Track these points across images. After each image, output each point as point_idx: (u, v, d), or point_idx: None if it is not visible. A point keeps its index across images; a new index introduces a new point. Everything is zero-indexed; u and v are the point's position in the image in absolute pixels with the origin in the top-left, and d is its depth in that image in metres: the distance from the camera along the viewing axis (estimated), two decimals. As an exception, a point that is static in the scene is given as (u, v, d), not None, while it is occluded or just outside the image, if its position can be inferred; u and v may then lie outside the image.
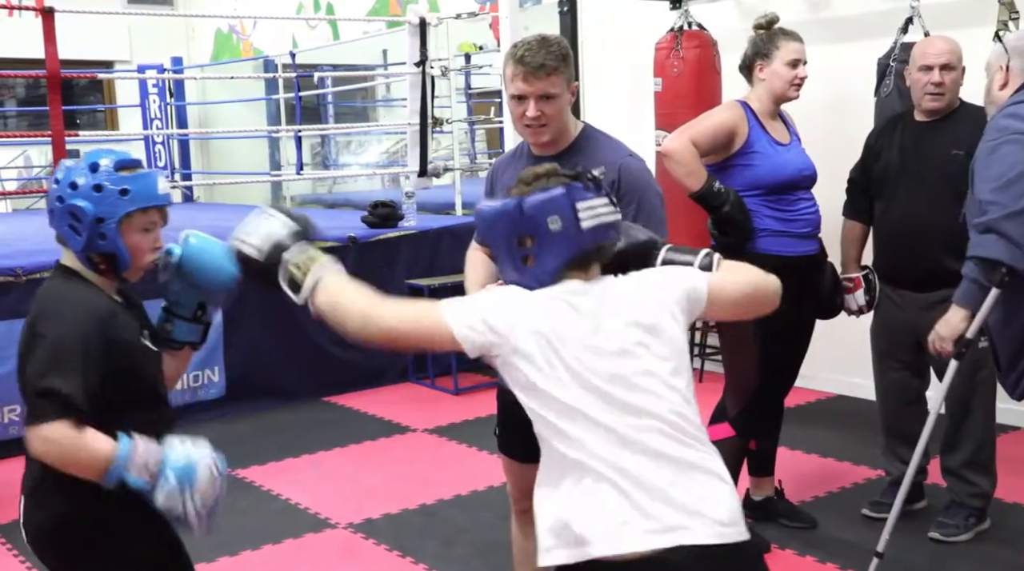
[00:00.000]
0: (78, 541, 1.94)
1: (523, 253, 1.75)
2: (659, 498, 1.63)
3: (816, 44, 4.46)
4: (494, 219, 1.77)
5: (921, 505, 3.63)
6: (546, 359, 1.69)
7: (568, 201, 1.72)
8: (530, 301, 1.74)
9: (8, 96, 11.69)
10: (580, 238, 1.73)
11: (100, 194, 1.88)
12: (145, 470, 1.82)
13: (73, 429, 1.78)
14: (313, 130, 9.83)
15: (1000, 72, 2.69)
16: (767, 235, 3.27)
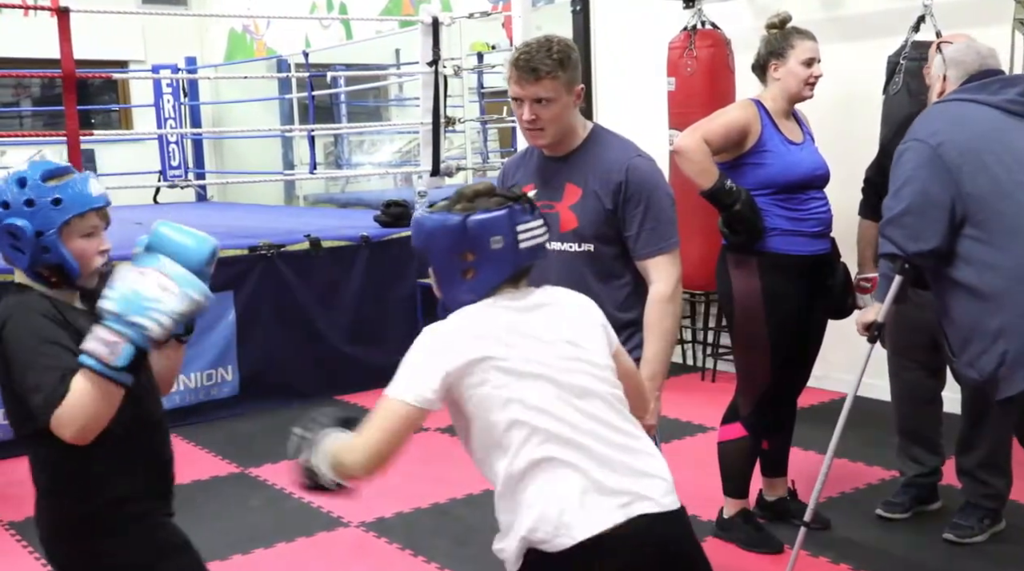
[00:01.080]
0: (79, 545, 1.94)
1: (463, 266, 1.82)
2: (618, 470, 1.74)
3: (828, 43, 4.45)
4: (437, 232, 1.83)
5: (936, 506, 3.62)
6: (503, 369, 1.75)
7: (510, 222, 1.80)
8: (464, 329, 1.79)
9: (24, 96, 11.75)
10: (518, 257, 1.82)
11: (33, 208, 1.84)
12: (111, 335, 1.72)
13: (70, 398, 1.74)
14: (326, 129, 9.85)
15: (939, 82, 2.83)
16: (778, 234, 3.26)
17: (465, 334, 1.78)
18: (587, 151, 2.47)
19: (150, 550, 1.98)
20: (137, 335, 1.72)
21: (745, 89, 4.05)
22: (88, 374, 1.73)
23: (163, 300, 1.74)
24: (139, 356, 1.75)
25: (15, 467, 4.45)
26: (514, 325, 1.79)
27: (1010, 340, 2.42)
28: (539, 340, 1.79)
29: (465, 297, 1.83)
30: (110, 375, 1.72)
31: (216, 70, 11.04)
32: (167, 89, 10.02)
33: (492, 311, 1.82)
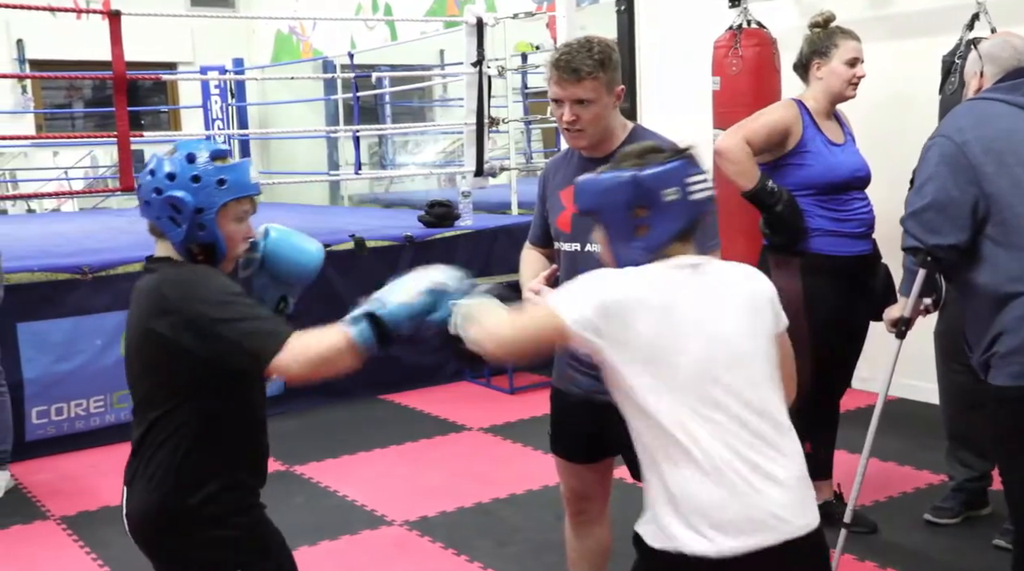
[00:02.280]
0: (172, 530, 1.95)
1: (636, 222, 1.80)
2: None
3: (878, 42, 4.39)
4: (609, 188, 1.82)
5: (986, 511, 3.56)
6: (665, 336, 1.73)
7: (682, 174, 1.80)
8: (643, 277, 1.78)
9: (76, 97, 11.96)
10: (691, 209, 1.81)
11: (198, 185, 1.88)
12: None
13: (298, 338, 1.82)
14: (371, 130, 9.91)
15: (976, 78, 2.81)
16: (819, 235, 3.23)
17: (643, 305, 1.74)
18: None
19: (254, 542, 2.01)
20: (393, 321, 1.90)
21: (791, 89, 4.01)
22: (339, 332, 1.86)
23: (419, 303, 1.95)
24: (382, 336, 1.90)
25: (66, 463, 4.55)
26: (691, 302, 1.76)
27: (1003, 340, 2.49)
28: (717, 329, 1.77)
29: (638, 256, 1.81)
30: (364, 332, 1.89)
31: (263, 71, 11.16)
32: (215, 90, 10.15)
33: (673, 274, 1.79)
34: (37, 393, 4.59)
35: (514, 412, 5.17)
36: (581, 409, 2.53)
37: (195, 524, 1.94)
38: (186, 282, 1.89)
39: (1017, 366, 2.50)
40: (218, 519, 1.95)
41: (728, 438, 1.71)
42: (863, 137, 3.51)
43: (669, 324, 1.73)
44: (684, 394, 1.71)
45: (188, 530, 1.94)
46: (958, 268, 2.62)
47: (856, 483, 3.07)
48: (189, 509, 1.93)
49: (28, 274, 4.63)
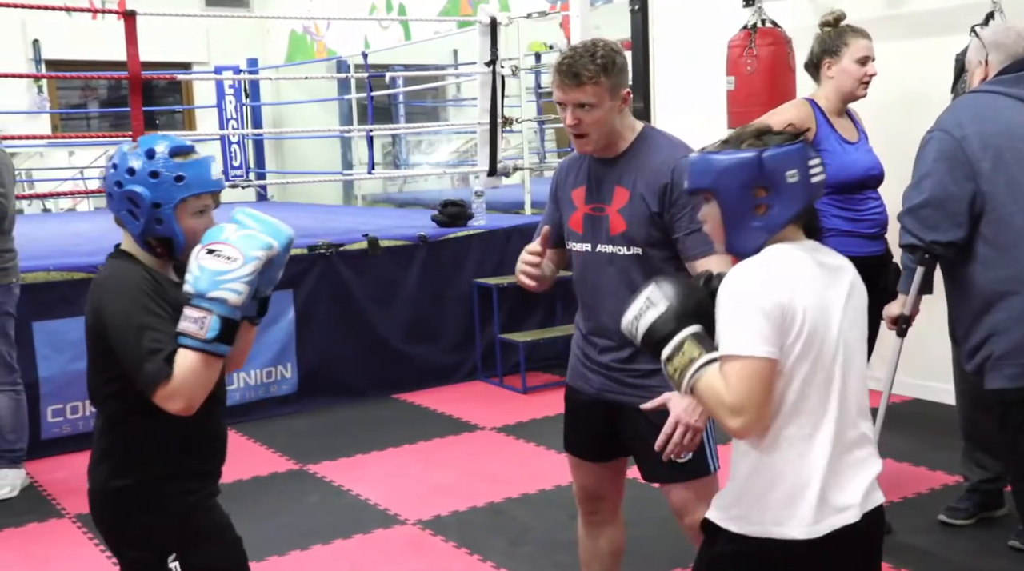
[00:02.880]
0: (128, 512, 2.01)
1: (756, 202, 1.81)
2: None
3: (892, 41, 4.38)
4: (730, 167, 1.81)
5: (1001, 512, 3.54)
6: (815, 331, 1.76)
7: (803, 156, 1.82)
8: (788, 274, 1.78)
9: (91, 97, 12.01)
10: (810, 191, 1.83)
11: (156, 180, 1.93)
12: (197, 312, 1.84)
13: (176, 374, 1.84)
14: (384, 130, 9.93)
15: (980, 67, 2.79)
16: (834, 235, 3.22)
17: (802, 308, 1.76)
18: (636, 153, 2.45)
19: (192, 527, 2.03)
20: (219, 307, 1.84)
21: (806, 88, 3.99)
22: (187, 352, 1.85)
23: (232, 269, 1.85)
24: (228, 326, 1.86)
25: (81, 461, 4.55)
26: (829, 298, 1.80)
27: (997, 342, 2.50)
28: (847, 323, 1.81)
29: (756, 236, 1.82)
30: (205, 348, 1.85)
31: (277, 71, 11.19)
32: (229, 90, 10.18)
33: (808, 269, 1.81)
34: (52, 392, 4.62)
35: (527, 412, 5.17)
36: (595, 408, 2.53)
37: (133, 504, 2.00)
38: (111, 286, 1.95)
39: (1014, 368, 2.49)
40: (154, 501, 2.00)
41: (839, 428, 1.78)
42: (875, 136, 3.50)
43: (813, 317, 1.75)
44: (822, 380, 1.77)
45: (127, 510, 2.00)
46: (951, 264, 2.62)
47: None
48: (127, 489, 1.99)
49: (44, 273, 4.66)
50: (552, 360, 5.81)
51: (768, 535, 1.76)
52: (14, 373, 4.21)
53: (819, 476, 1.75)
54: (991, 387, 2.56)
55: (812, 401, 1.76)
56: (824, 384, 1.77)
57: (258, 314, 2.12)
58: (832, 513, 1.76)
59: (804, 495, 1.75)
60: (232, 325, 1.87)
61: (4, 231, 4.09)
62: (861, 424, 1.83)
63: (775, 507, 1.76)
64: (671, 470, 2.39)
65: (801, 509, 1.75)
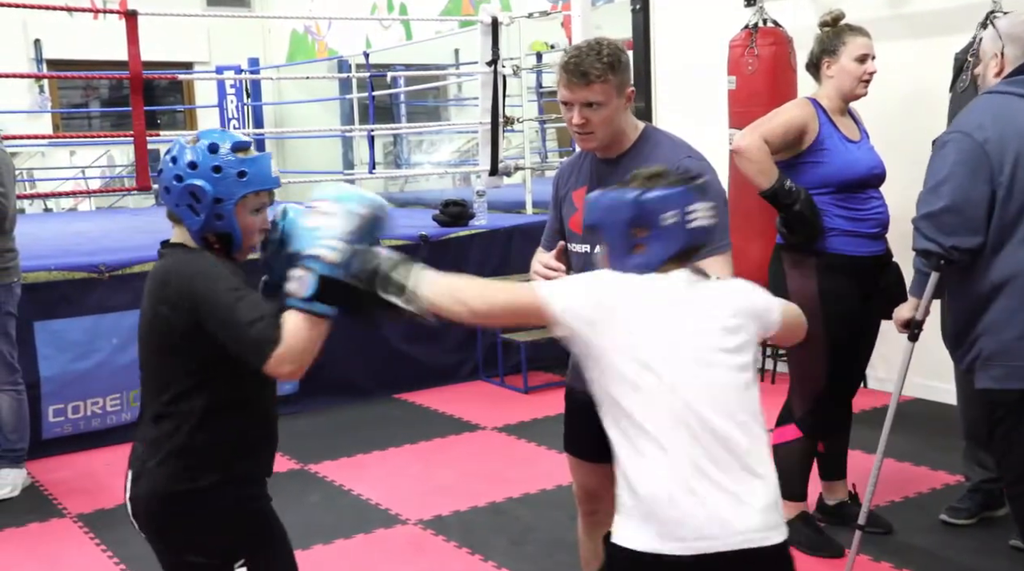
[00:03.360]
0: (177, 514, 1.97)
1: (635, 241, 1.88)
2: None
3: (893, 40, 4.37)
4: (613, 206, 1.90)
5: (1002, 512, 3.54)
6: (644, 343, 1.80)
7: (684, 200, 1.87)
8: (632, 280, 1.86)
9: (92, 97, 12.02)
10: (687, 235, 1.88)
11: (219, 175, 1.91)
12: (298, 272, 1.82)
13: (286, 336, 1.82)
14: (386, 129, 9.93)
15: (995, 59, 2.71)
16: (837, 234, 3.22)
17: (630, 303, 1.83)
18: (638, 152, 2.45)
19: (259, 531, 2.02)
20: (316, 264, 1.81)
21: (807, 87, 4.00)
22: (293, 313, 1.82)
23: (327, 225, 1.83)
24: (328, 285, 1.81)
25: (83, 461, 4.57)
26: (667, 312, 1.83)
27: (986, 342, 2.51)
28: (689, 342, 1.82)
29: (633, 273, 1.88)
30: (304, 307, 1.81)
31: (278, 71, 11.19)
32: (230, 90, 10.18)
33: (655, 284, 1.86)
34: (54, 391, 4.62)
35: (528, 411, 5.17)
36: (594, 408, 2.52)
37: (199, 510, 1.96)
38: (191, 271, 1.91)
39: (998, 369, 2.50)
40: (223, 506, 1.97)
41: (690, 452, 1.77)
42: (877, 136, 3.50)
43: (653, 327, 1.80)
44: (656, 401, 1.78)
45: (192, 515, 1.96)
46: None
47: (871, 484, 3.05)
48: (194, 494, 1.95)
49: (45, 273, 4.65)
50: (553, 360, 5.81)
51: (626, 545, 1.80)
52: (15, 373, 4.21)
53: (660, 496, 1.76)
54: (979, 387, 2.58)
55: (654, 422, 1.78)
56: (668, 409, 1.78)
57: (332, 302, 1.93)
58: (669, 540, 1.74)
59: (649, 514, 1.77)
60: (334, 284, 1.82)
61: (5, 231, 4.09)
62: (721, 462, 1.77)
63: (634, 519, 1.80)
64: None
65: (646, 527, 1.77)
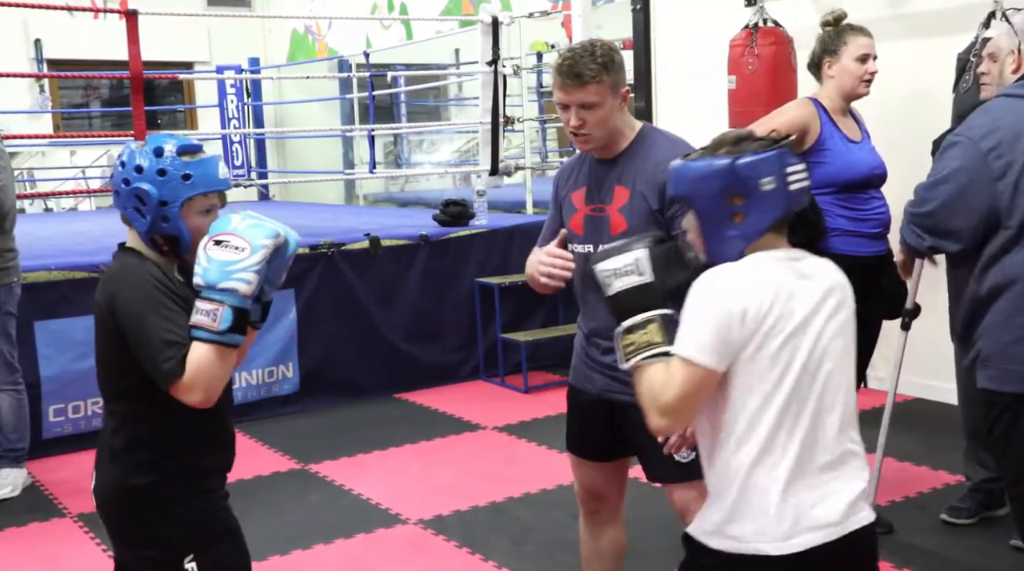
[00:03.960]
0: (130, 508, 2.01)
1: (732, 210, 1.77)
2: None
3: (895, 40, 4.37)
4: (705, 175, 1.78)
5: (1003, 512, 3.54)
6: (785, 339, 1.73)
7: (780, 163, 1.77)
8: (746, 279, 1.75)
9: (93, 97, 12.02)
10: (789, 199, 1.79)
11: (164, 178, 1.94)
12: (209, 304, 1.84)
13: (192, 365, 1.85)
14: (386, 129, 9.93)
15: (1012, 55, 2.70)
16: (839, 234, 3.22)
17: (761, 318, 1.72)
18: (635, 152, 2.45)
19: (209, 526, 2.03)
20: (230, 297, 1.85)
21: (808, 87, 4.00)
22: (202, 344, 1.86)
23: (241, 259, 1.86)
24: (240, 316, 1.86)
25: (83, 460, 4.56)
26: (800, 303, 1.76)
27: (985, 342, 2.52)
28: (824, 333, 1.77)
29: (734, 244, 1.78)
30: (219, 340, 1.85)
31: (279, 71, 11.19)
32: (231, 90, 10.18)
33: (778, 274, 1.77)
34: (54, 391, 4.62)
35: (529, 411, 5.17)
36: (597, 408, 2.53)
37: (149, 503, 1.99)
38: (123, 281, 1.96)
39: (995, 371, 2.50)
40: (175, 500, 1.99)
41: (809, 446, 1.74)
42: (878, 136, 3.50)
43: (782, 327, 1.72)
44: (785, 397, 1.72)
45: (145, 509, 1.99)
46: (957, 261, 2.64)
47: (872, 483, 3.05)
48: (146, 487, 1.98)
49: (46, 273, 4.65)
50: (554, 360, 5.81)
51: (741, 551, 1.73)
52: (16, 373, 4.21)
53: (788, 492, 1.71)
54: (979, 386, 2.58)
55: (780, 415, 1.72)
56: (794, 398, 1.72)
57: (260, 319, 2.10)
58: (806, 531, 1.71)
59: (771, 512, 1.71)
60: (244, 315, 1.87)
61: (5, 230, 4.09)
62: (844, 439, 1.79)
63: (745, 522, 1.73)
64: (674, 470, 2.39)
65: (771, 525, 1.71)
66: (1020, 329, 2.48)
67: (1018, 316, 2.48)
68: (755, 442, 1.72)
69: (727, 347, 1.70)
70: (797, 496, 1.72)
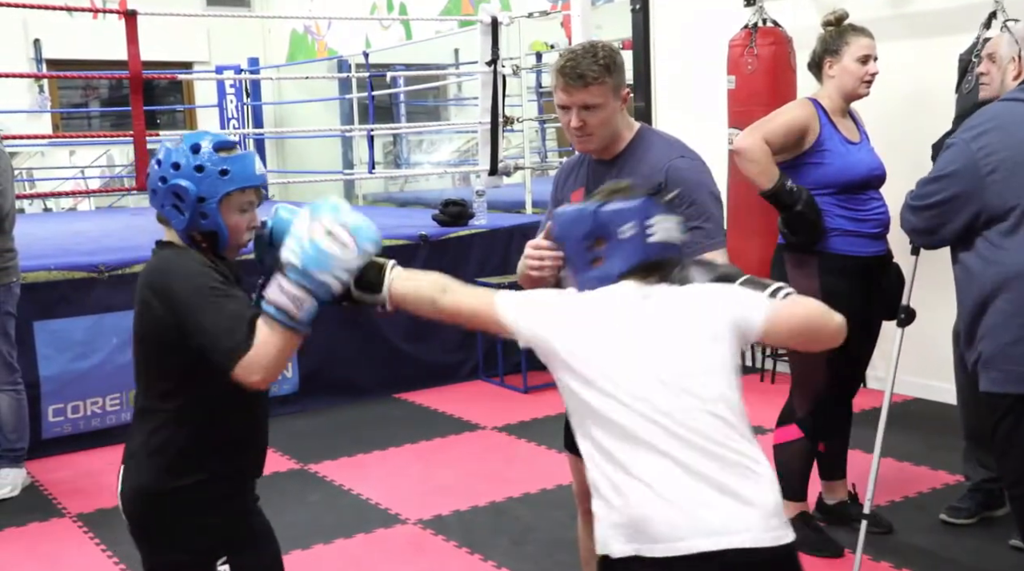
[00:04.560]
0: (158, 512, 1.99)
1: (593, 254, 1.86)
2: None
3: (896, 40, 4.37)
4: (573, 219, 1.90)
5: (1002, 512, 3.54)
6: (588, 360, 1.77)
7: (643, 214, 1.84)
8: (582, 302, 1.84)
9: (92, 97, 12.01)
10: (646, 249, 1.84)
11: (201, 174, 1.92)
12: (297, 289, 1.80)
13: (258, 345, 1.81)
14: (385, 129, 9.93)
15: (1013, 63, 2.74)
16: (838, 235, 3.22)
17: (571, 326, 1.80)
18: (632, 153, 2.45)
19: (242, 528, 2.03)
20: (323, 290, 1.82)
21: (807, 87, 4.01)
22: (272, 324, 1.81)
23: (343, 257, 1.82)
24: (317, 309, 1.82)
25: (83, 460, 4.57)
26: (616, 328, 1.78)
27: (986, 344, 2.52)
28: (646, 357, 1.75)
29: (592, 285, 1.86)
30: (296, 327, 1.81)
31: (278, 71, 11.19)
32: (230, 90, 10.18)
33: (608, 300, 1.82)
34: (54, 391, 4.62)
35: (528, 411, 5.17)
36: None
37: (182, 508, 1.97)
38: (172, 270, 1.93)
39: (996, 373, 2.51)
40: (206, 505, 1.98)
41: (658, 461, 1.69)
42: (879, 136, 3.50)
43: (599, 345, 1.76)
44: (613, 415, 1.73)
45: (175, 514, 1.98)
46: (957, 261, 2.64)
47: (871, 482, 3.05)
48: (177, 492, 1.96)
49: (45, 273, 4.65)
50: (553, 360, 5.81)
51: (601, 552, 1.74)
52: (15, 373, 4.21)
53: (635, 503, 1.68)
54: (981, 389, 2.59)
55: (619, 436, 1.73)
56: (630, 421, 1.71)
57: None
58: (645, 540, 1.66)
59: (617, 518, 1.70)
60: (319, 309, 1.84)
61: (4, 230, 4.09)
62: (703, 463, 1.68)
63: (605, 526, 1.73)
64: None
65: (618, 530, 1.70)
66: (1019, 329, 2.48)
67: (1018, 316, 2.49)
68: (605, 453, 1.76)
69: (531, 320, 1.81)
70: (637, 508, 1.70)
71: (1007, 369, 2.51)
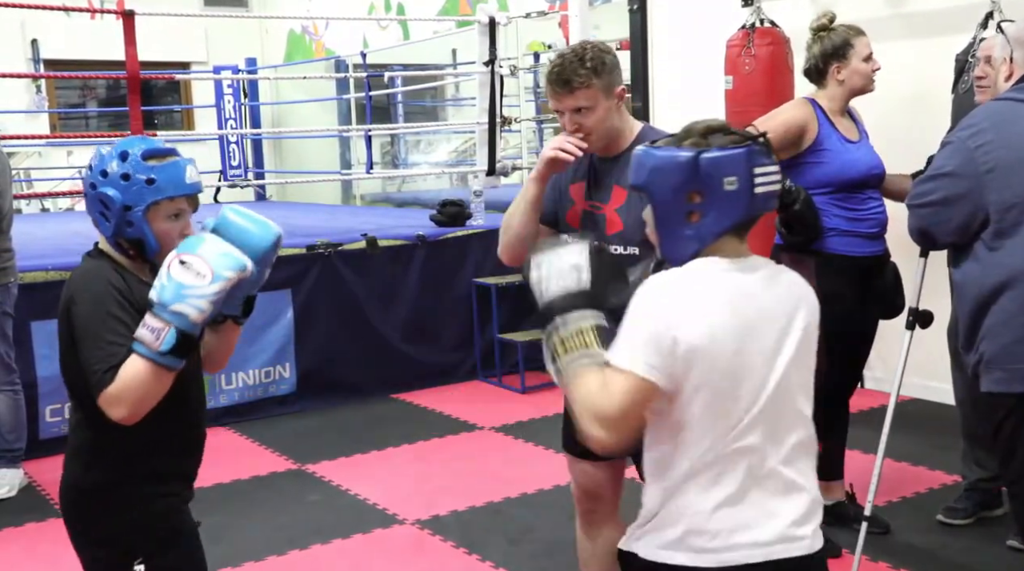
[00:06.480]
0: (83, 508, 2.02)
1: (689, 208, 1.65)
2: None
3: (894, 40, 4.37)
4: (665, 168, 1.66)
5: (999, 512, 3.54)
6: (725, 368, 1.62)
7: (748, 162, 1.65)
8: (688, 302, 1.62)
9: (90, 97, 12.00)
10: (751, 203, 1.66)
11: (127, 182, 1.91)
12: (157, 322, 1.81)
13: (121, 379, 1.82)
14: (383, 129, 9.92)
15: (1005, 64, 2.74)
16: (836, 234, 3.22)
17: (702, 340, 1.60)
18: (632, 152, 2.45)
19: (162, 530, 2.02)
20: (179, 321, 1.81)
21: (805, 88, 4.01)
22: (138, 359, 1.83)
23: (198, 285, 1.82)
24: (185, 340, 1.82)
25: (80, 460, 4.57)
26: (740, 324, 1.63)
27: (987, 345, 2.51)
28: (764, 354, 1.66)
29: (687, 245, 1.66)
30: (157, 360, 1.82)
31: (276, 71, 11.18)
32: (228, 90, 10.17)
33: (721, 288, 1.65)
34: (51, 391, 4.61)
35: (526, 411, 5.17)
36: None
37: (104, 504, 1.99)
38: (78, 286, 1.95)
39: (999, 373, 2.51)
40: (128, 502, 1.98)
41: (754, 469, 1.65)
42: (877, 136, 3.50)
43: (735, 351, 1.62)
44: (730, 422, 1.63)
45: (92, 511, 2.00)
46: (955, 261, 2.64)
47: (873, 483, 3.05)
48: (100, 488, 1.98)
49: (42, 273, 4.65)
50: (551, 360, 5.81)
51: (666, 561, 1.65)
52: (13, 373, 4.20)
53: (718, 512, 1.63)
54: (983, 390, 2.59)
55: (714, 440, 1.62)
56: (729, 424, 1.62)
57: (243, 314, 2.08)
58: (730, 549, 1.62)
59: (701, 529, 1.63)
60: (190, 340, 1.84)
61: (2, 230, 4.09)
62: (787, 470, 1.69)
63: (671, 534, 1.65)
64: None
65: (697, 540, 1.63)
66: (1021, 329, 2.48)
67: (1020, 316, 2.49)
68: (692, 463, 1.63)
69: (659, 360, 1.57)
70: (723, 516, 1.64)
71: (1011, 368, 2.51)
